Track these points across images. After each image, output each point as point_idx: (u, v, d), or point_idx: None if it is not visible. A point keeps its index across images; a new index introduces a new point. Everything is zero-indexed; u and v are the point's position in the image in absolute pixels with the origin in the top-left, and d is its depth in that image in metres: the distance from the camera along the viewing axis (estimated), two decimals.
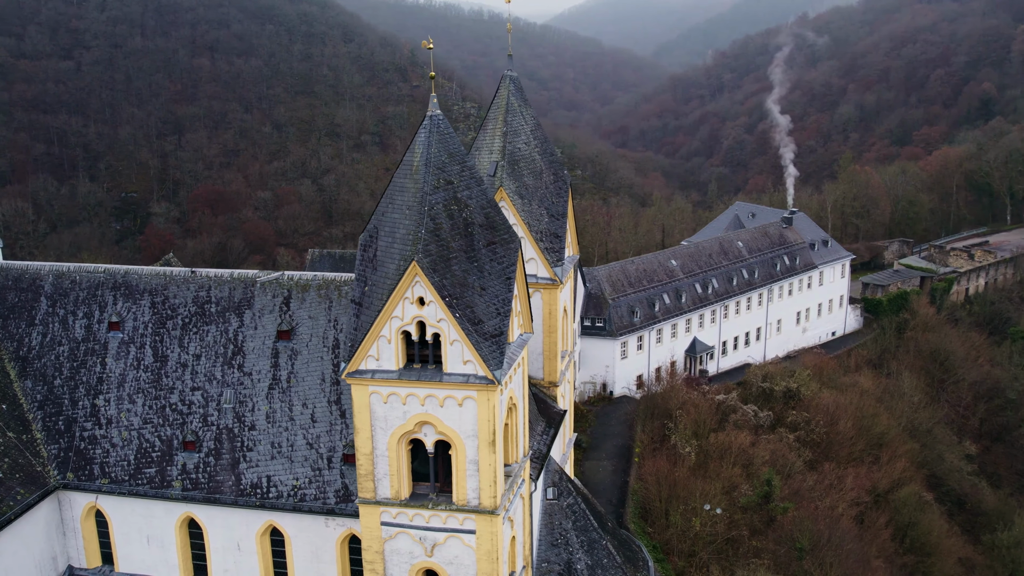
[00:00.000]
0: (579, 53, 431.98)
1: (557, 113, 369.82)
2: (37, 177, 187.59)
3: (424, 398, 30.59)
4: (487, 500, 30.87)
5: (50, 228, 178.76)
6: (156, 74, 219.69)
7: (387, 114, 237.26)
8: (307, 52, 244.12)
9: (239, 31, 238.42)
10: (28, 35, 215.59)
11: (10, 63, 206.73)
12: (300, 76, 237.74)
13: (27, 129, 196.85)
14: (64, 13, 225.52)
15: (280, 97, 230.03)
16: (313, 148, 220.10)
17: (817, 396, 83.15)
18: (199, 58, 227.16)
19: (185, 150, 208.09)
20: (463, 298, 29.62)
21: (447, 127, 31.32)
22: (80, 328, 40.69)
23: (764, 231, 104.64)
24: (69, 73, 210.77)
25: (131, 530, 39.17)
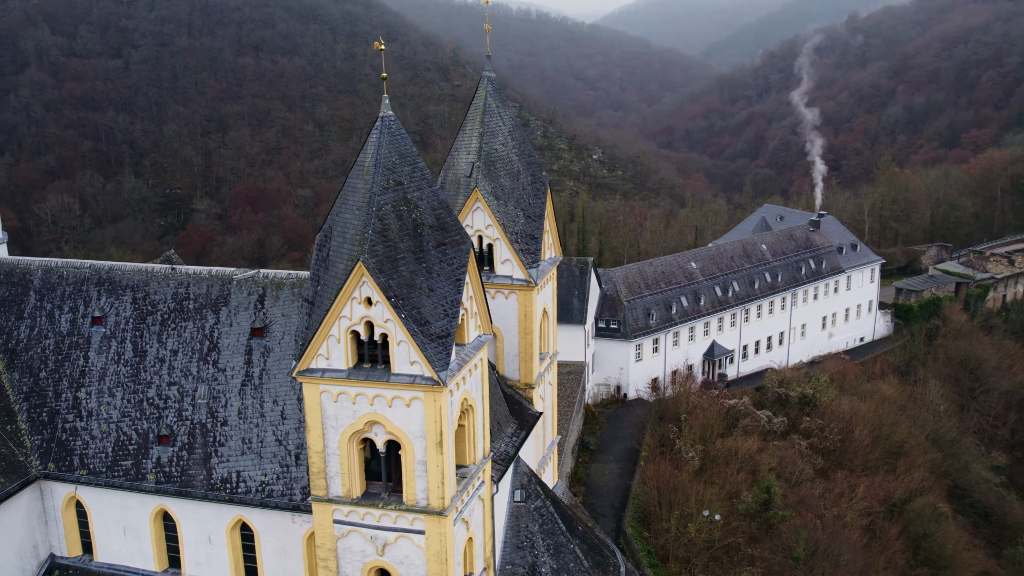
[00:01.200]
0: (626, 53, 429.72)
1: (603, 113, 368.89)
2: (84, 173, 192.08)
3: (373, 398, 30.75)
4: (435, 501, 30.91)
5: (95, 223, 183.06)
6: (201, 72, 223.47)
7: (428, 113, 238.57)
8: (350, 51, 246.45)
9: (284, 30, 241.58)
10: (79, 34, 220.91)
11: (61, 61, 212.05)
12: (343, 75, 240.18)
13: (76, 126, 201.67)
14: (114, 13, 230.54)
15: (322, 96, 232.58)
16: (354, 147, 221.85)
17: (835, 403, 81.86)
18: (244, 57, 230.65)
19: (228, 148, 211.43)
20: (410, 299, 29.69)
21: (399, 128, 31.43)
22: (65, 322, 41.61)
23: (790, 234, 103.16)
24: (117, 71, 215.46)
25: (109, 521, 39.93)
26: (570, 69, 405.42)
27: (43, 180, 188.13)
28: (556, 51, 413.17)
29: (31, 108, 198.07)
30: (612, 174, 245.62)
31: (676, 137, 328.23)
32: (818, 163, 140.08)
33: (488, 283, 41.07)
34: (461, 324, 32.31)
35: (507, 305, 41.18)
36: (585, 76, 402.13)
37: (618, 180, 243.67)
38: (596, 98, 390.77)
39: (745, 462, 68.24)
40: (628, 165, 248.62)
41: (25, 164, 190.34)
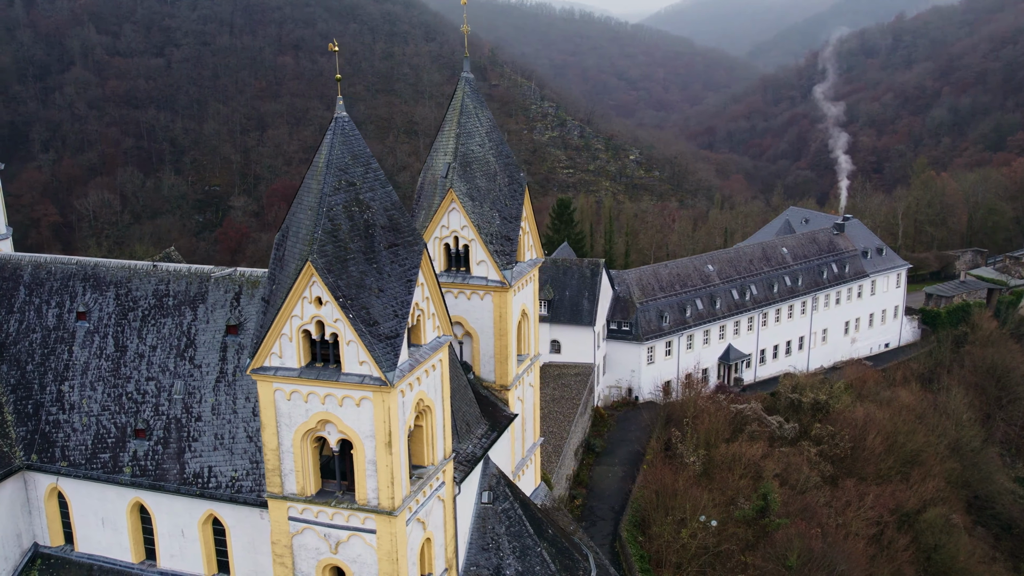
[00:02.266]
0: (670, 53, 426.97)
1: (644, 113, 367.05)
2: (125, 170, 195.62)
3: (324, 397, 30.97)
4: (385, 501, 31.05)
5: (134, 219, 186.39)
6: (242, 71, 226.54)
7: None
8: (389, 51, 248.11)
9: (324, 30, 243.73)
10: (123, 33, 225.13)
11: (105, 60, 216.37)
12: (381, 74, 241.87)
13: (118, 124, 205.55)
14: (158, 12, 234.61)
15: (360, 95, 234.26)
16: (390, 145, 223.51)
17: (848, 410, 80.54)
18: (283, 56, 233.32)
19: (266, 146, 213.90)
20: (358, 299, 29.85)
21: (352, 129, 31.60)
22: (52, 317, 42.47)
23: (812, 237, 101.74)
24: (159, 70, 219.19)
25: (88, 512, 40.70)
26: (613, 69, 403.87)
27: (85, 176, 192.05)
28: (599, 51, 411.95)
29: (75, 106, 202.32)
30: (649, 175, 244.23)
31: (717, 138, 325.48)
32: (843, 162, 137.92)
33: (464, 284, 41.16)
34: (417, 325, 32.40)
35: (483, 306, 41.20)
36: (628, 76, 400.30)
37: (655, 181, 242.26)
38: (638, 98, 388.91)
39: (749, 468, 67.42)
40: (665, 166, 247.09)
41: (68, 161, 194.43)
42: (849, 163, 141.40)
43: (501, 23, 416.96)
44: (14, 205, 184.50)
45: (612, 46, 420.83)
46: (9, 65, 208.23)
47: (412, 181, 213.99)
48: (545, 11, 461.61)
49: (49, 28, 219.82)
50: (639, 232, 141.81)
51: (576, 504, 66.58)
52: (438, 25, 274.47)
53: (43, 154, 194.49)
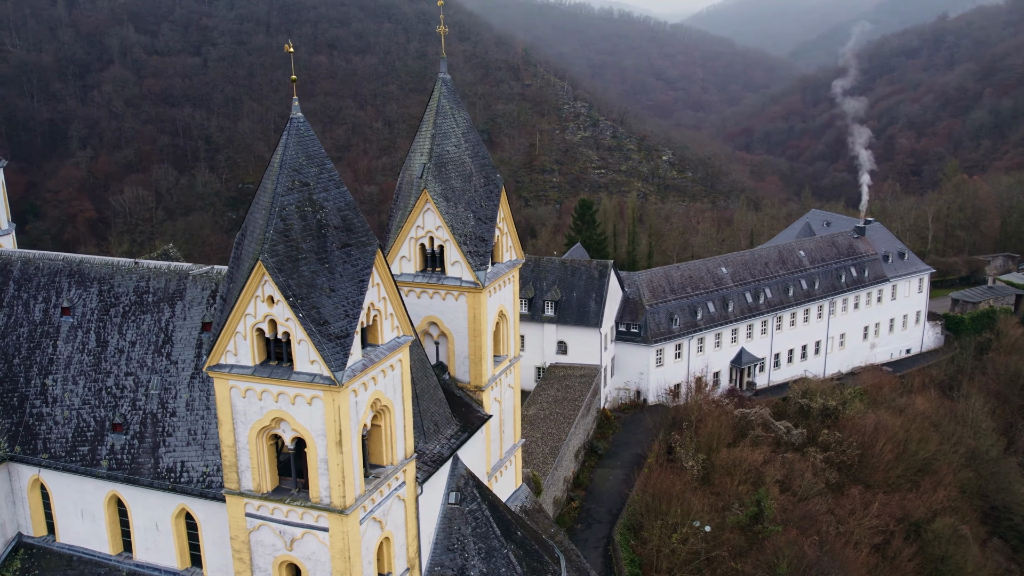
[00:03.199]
0: (709, 52, 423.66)
1: (682, 114, 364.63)
2: (160, 167, 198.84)
3: (277, 395, 31.22)
4: (337, 500, 31.22)
5: (167, 215, 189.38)
6: (276, 71, 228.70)
7: (497, 112, 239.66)
8: (423, 50, 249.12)
9: (358, 29, 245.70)
10: (162, 32, 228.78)
11: (143, 59, 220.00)
12: (414, 73, 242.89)
13: (154, 121, 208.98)
14: (196, 11, 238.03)
15: (393, 94, 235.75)
16: None
17: (859, 416, 79.45)
18: (318, 55, 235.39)
19: None
20: (309, 298, 30.03)
21: (307, 129, 31.78)
22: (39, 312, 43.25)
23: (831, 240, 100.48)
24: (196, 69, 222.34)
25: (68, 503, 41.42)
26: (651, 69, 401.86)
27: (121, 173, 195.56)
28: (637, 51, 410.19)
29: (112, 103, 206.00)
30: (681, 176, 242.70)
31: (755, 139, 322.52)
32: (863, 158, 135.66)
33: (438, 285, 41.25)
34: (374, 325, 32.54)
35: (457, 307, 41.24)
36: (666, 76, 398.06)
37: (687, 182, 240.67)
38: (676, 98, 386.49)
39: (749, 473, 66.78)
40: (698, 167, 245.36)
41: (104, 157, 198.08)
42: (871, 161, 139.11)
43: (539, 23, 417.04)
44: (52, 200, 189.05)
45: (651, 46, 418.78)
46: (50, 64, 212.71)
47: None
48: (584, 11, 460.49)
49: (89, 27, 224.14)
50: (663, 233, 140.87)
51: (573, 506, 66.48)
52: (472, 25, 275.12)
53: (81, 151, 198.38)
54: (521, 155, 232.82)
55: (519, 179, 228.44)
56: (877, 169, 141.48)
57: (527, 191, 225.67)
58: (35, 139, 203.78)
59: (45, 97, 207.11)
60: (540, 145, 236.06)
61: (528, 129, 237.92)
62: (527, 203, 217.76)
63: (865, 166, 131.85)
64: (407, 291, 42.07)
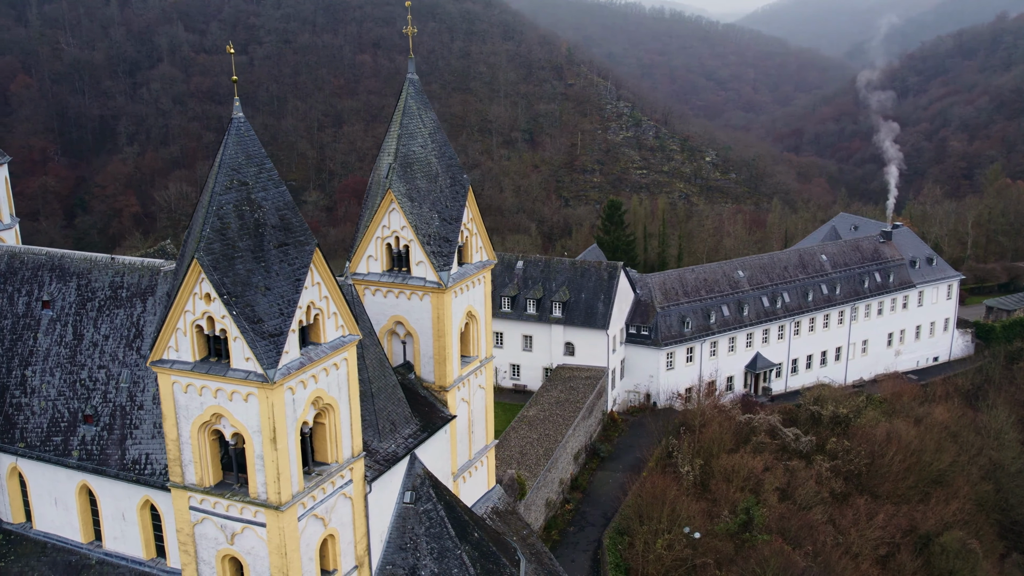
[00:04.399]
0: (762, 53, 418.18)
1: (732, 114, 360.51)
2: (204, 163, 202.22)
3: (215, 391, 31.65)
4: (273, 496, 31.56)
5: None
6: (320, 69, 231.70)
7: (539, 112, 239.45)
8: (466, 49, 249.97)
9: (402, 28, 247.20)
10: (210, 31, 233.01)
11: (191, 57, 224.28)
12: (457, 73, 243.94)
13: (200, 118, 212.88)
14: (244, 11, 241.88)
15: (436, 93, 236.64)
16: (463, 144, 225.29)
17: (871, 424, 77.87)
18: (362, 54, 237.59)
19: (341, 142, 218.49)
20: (244, 297, 30.40)
21: (248, 129, 32.14)
22: (22, 304, 44.40)
23: (855, 245, 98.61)
24: (242, 67, 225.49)
25: (43, 492, 42.46)
26: (702, 69, 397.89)
27: (166, 169, 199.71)
28: (688, 50, 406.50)
29: (160, 101, 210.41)
30: (725, 177, 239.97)
31: (805, 140, 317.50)
32: (891, 159, 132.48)
33: (404, 284, 41.41)
34: (316, 324, 32.82)
35: (422, 307, 41.38)
36: (717, 76, 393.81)
37: (730, 183, 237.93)
38: (727, 99, 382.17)
39: (748, 480, 65.86)
40: (742, 168, 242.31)
41: (151, 154, 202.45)
42: (900, 159, 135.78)
43: (589, 22, 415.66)
44: (100, 195, 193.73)
45: (702, 46, 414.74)
46: (102, 61, 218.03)
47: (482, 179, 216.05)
48: (635, 10, 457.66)
49: (141, 26, 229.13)
50: (694, 235, 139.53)
51: (567, 509, 66.24)
52: (517, 24, 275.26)
53: (128, 147, 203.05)
54: (562, 155, 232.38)
55: (559, 179, 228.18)
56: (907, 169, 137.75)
57: (567, 191, 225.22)
58: (85, 135, 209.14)
59: (96, 94, 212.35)
60: (581, 145, 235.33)
61: (570, 129, 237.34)
62: (567, 203, 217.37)
63: (893, 168, 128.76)
64: (374, 290, 42.38)
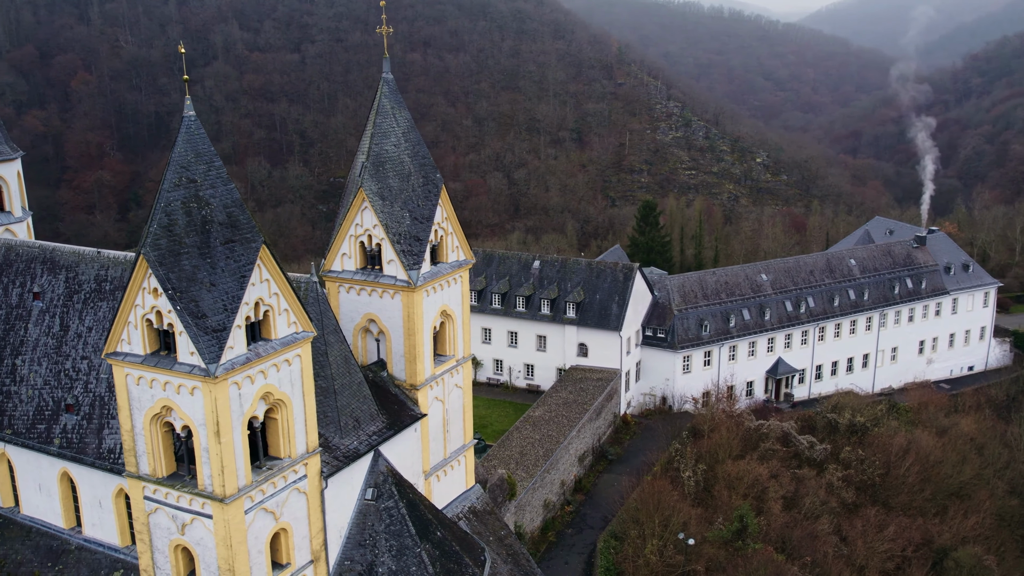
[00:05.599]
0: (822, 53, 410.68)
1: (789, 115, 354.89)
2: (255, 160, 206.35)
3: (164, 384, 32.25)
4: (218, 488, 32.06)
5: (258, 207, 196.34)
6: (371, 67, 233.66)
7: (588, 111, 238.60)
8: (516, 48, 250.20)
9: (453, 27, 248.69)
10: (264, 30, 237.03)
11: (244, 55, 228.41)
12: (506, 72, 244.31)
13: (252, 115, 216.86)
14: (297, 9, 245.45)
15: (484, 92, 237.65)
16: (510, 142, 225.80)
17: (890, 434, 76.07)
18: (412, 53, 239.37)
19: None
20: (188, 292, 30.93)
21: (198, 128, 32.60)
22: (15, 296, 45.78)
23: (887, 250, 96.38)
24: (294, 65, 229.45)
25: (28, 478, 43.75)
26: (760, 69, 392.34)
27: None
28: (746, 50, 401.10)
29: (213, 98, 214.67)
30: (775, 179, 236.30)
31: (863, 142, 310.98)
32: (921, 143, 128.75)
33: (375, 283, 41.69)
34: (267, 320, 33.24)
35: (393, 305, 41.61)
36: (775, 76, 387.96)
37: (781, 185, 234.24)
38: (785, 99, 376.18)
39: (752, 487, 64.83)
40: (794, 170, 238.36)
41: None
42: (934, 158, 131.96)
43: (646, 21, 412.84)
44: (152, 190, 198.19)
45: (761, 45, 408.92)
46: (158, 59, 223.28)
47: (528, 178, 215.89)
48: (693, 9, 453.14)
49: (197, 24, 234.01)
50: (731, 237, 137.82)
51: (567, 510, 65.99)
52: (568, 23, 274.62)
53: None
54: (610, 154, 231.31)
55: (607, 179, 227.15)
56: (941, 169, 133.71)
57: (614, 191, 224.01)
58: (141, 131, 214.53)
59: (152, 91, 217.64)
60: (630, 145, 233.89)
61: (618, 128, 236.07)
62: (613, 203, 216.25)
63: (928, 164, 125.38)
64: (348, 288, 42.76)
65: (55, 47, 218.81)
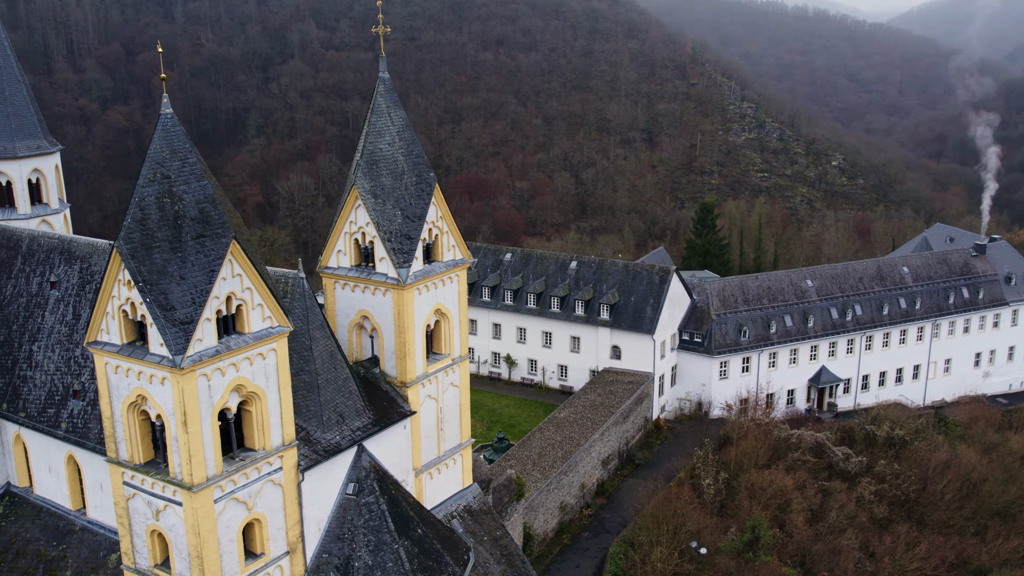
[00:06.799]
0: (910, 54, 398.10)
1: (873, 117, 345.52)
2: (325, 156, 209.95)
3: (138, 373, 33.18)
4: (186, 477, 32.86)
5: (327, 202, 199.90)
6: (443, 66, 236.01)
7: (659, 111, 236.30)
8: (588, 48, 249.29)
9: (526, 26, 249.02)
10: (340, 28, 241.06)
11: (320, 54, 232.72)
12: (578, 71, 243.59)
13: (324, 113, 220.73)
14: (373, 8, 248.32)
15: (555, 91, 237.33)
16: (579, 142, 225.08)
17: (931, 448, 73.56)
18: (484, 52, 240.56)
19: (458, 138, 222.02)
20: (159, 285, 31.76)
21: (175, 125, 33.37)
22: (35, 284, 47.66)
23: (943, 258, 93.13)
24: (367, 63, 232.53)
25: (40, 460, 45.52)
26: (844, 70, 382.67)
27: (290, 160, 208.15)
28: (831, 50, 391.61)
29: (288, 95, 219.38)
30: (851, 182, 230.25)
31: (949, 146, 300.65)
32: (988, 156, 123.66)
33: (368, 280, 42.12)
34: (240, 314, 33.92)
35: (385, 302, 41.98)
36: (860, 78, 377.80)
37: (857, 189, 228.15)
38: (869, 101, 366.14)
39: (775, 498, 63.42)
40: (871, 173, 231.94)
41: (276, 146, 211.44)
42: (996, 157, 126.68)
43: (728, 21, 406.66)
44: (227, 185, 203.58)
45: (846, 46, 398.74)
46: (237, 57, 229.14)
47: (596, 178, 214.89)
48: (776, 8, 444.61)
49: (275, 23, 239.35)
50: (792, 241, 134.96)
51: (585, 513, 65.60)
52: (642, 22, 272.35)
53: (255, 139, 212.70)
54: (680, 155, 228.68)
55: (676, 180, 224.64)
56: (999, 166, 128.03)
57: (683, 192, 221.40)
58: (219, 127, 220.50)
59: (230, 88, 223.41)
60: (701, 146, 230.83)
61: (689, 129, 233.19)
62: (682, 204, 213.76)
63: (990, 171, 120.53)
64: (343, 284, 43.32)
65: (140, 44, 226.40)
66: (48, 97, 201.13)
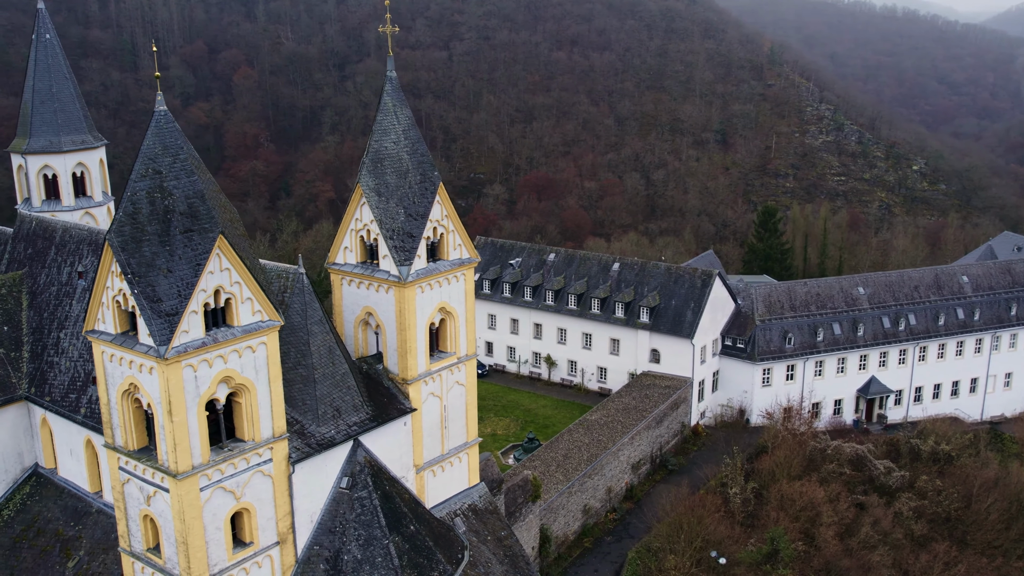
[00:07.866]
0: (1004, 56, 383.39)
1: (962, 120, 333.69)
2: None
3: (130, 362, 34.18)
4: (172, 464, 33.75)
5: None
6: (516, 65, 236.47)
7: (734, 112, 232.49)
8: (663, 48, 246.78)
9: (600, 26, 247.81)
10: (415, 27, 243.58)
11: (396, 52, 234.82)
12: (652, 71, 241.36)
13: None
14: (448, 8, 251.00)
15: (628, 91, 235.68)
16: (651, 143, 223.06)
17: (980, 465, 70.84)
18: (558, 51, 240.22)
19: (529, 138, 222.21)
20: (147, 277, 32.67)
21: (168, 122, 34.18)
22: (65, 274, 49.50)
23: (1006, 267, 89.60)
24: (441, 62, 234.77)
25: (62, 443, 47.27)
26: (933, 72, 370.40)
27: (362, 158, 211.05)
28: (919, 51, 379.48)
29: (362, 93, 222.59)
30: (933, 188, 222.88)
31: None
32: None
33: (372, 277, 42.56)
34: (229, 307, 34.65)
35: (387, 299, 42.34)
36: (950, 80, 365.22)
37: (938, 194, 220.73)
38: (959, 104, 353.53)
39: (804, 510, 61.85)
40: (953, 179, 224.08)
41: (349, 143, 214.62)
42: None
43: (813, 20, 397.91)
44: (301, 181, 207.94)
45: (936, 47, 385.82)
46: (315, 55, 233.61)
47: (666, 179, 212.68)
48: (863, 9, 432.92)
49: (353, 23, 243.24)
50: (858, 246, 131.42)
51: (611, 517, 65.11)
52: (719, 22, 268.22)
53: (330, 136, 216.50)
54: (755, 158, 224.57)
55: (749, 182, 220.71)
56: None
57: (757, 195, 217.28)
58: (295, 124, 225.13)
59: (307, 86, 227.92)
60: (776, 148, 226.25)
61: (765, 131, 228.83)
62: (755, 207, 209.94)
63: None
64: (349, 280, 43.86)
65: (222, 43, 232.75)
66: (134, 94, 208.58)
